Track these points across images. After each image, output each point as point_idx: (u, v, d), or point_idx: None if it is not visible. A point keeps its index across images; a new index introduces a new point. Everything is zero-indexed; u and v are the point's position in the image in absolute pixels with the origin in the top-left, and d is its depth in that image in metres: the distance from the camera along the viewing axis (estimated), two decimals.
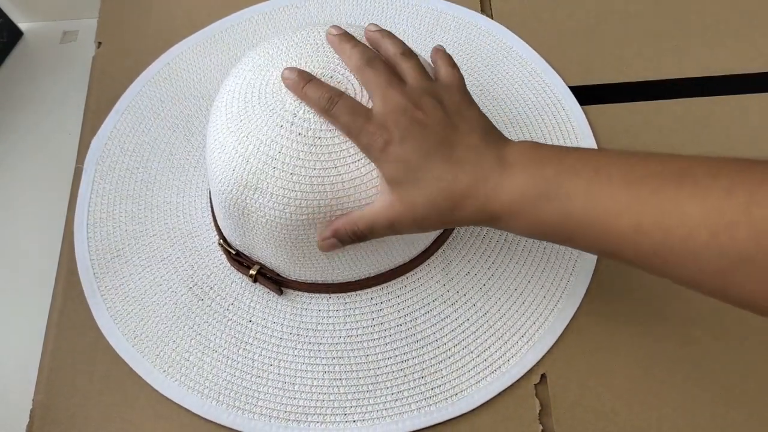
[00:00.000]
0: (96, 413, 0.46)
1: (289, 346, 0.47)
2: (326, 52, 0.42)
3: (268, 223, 0.41)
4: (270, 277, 0.47)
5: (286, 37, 0.44)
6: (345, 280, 0.47)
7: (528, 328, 0.47)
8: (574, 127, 0.55)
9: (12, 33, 0.71)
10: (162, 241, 0.51)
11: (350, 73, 0.41)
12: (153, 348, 0.47)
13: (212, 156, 0.42)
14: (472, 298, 0.48)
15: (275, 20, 0.62)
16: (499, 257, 0.50)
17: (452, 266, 0.49)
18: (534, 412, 0.45)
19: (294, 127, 0.40)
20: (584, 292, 0.48)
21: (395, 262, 0.47)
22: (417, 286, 0.49)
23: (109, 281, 0.50)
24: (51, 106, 0.67)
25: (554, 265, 0.49)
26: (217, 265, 0.50)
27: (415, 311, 0.48)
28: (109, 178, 0.54)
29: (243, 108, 0.41)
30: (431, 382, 0.46)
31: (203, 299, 0.49)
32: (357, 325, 0.47)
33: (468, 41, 0.60)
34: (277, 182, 0.39)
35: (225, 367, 0.46)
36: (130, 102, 0.58)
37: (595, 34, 0.60)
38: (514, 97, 0.57)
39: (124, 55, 0.61)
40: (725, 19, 0.60)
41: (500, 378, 0.46)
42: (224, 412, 0.45)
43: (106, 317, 0.49)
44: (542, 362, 0.46)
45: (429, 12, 0.62)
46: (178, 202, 0.53)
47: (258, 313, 0.48)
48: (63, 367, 0.48)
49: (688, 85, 0.57)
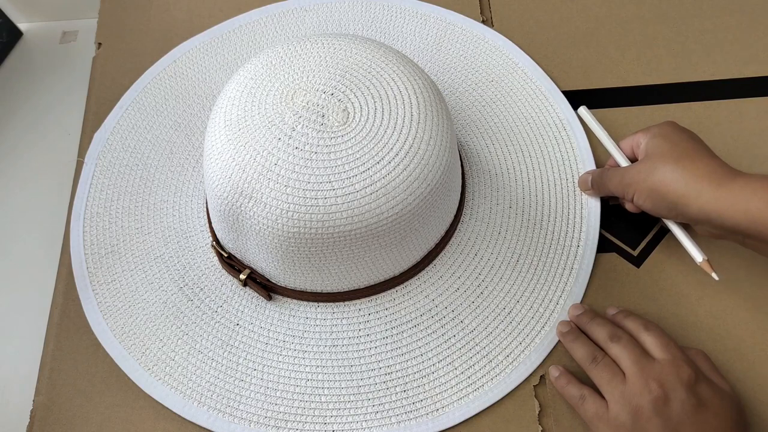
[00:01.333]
0: (96, 414, 0.46)
1: (275, 351, 0.47)
2: (328, 67, 0.43)
3: (261, 231, 0.42)
4: (260, 282, 0.48)
5: (289, 46, 0.44)
6: (334, 290, 0.47)
7: (514, 348, 0.48)
8: (574, 148, 0.55)
9: (12, 33, 0.71)
10: (156, 240, 0.52)
11: (350, 92, 0.42)
12: (139, 345, 0.48)
13: (209, 161, 0.42)
14: (460, 315, 0.49)
15: (284, 23, 0.62)
16: (489, 275, 0.50)
17: (442, 282, 0.49)
18: (533, 413, 0.45)
19: (292, 141, 0.40)
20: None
21: (385, 275, 0.48)
22: (405, 300, 0.49)
23: (101, 276, 0.50)
24: (50, 107, 0.67)
25: (544, 286, 0.50)
26: (209, 267, 0.50)
27: (402, 324, 0.48)
28: (108, 174, 0.55)
29: (242, 117, 0.41)
30: (413, 396, 0.46)
31: (193, 300, 0.49)
32: (343, 335, 0.48)
33: (474, 55, 0.60)
34: (272, 193, 0.40)
35: (209, 369, 0.47)
36: (135, 98, 0.58)
37: (593, 38, 0.61)
38: (517, 114, 0.57)
39: (124, 55, 0.61)
40: (723, 24, 0.60)
41: (483, 396, 0.46)
42: (204, 414, 0.45)
43: (96, 312, 0.49)
44: (542, 364, 0.47)
45: (437, 23, 0.62)
46: (174, 201, 0.53)
47: (246, 317, 0.48)
48: (64, 368, 0.48)
49: (686, 89, 0.58)
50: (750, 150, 0.54)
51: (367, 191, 0.40)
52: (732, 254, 0.50)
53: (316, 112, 0.41)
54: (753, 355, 0.47)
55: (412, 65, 0.45)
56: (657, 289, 0.49)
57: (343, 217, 0.40)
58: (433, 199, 0.43)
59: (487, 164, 0.54)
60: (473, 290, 0.49)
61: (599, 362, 0.43)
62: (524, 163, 0.54)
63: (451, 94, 0.58)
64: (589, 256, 0.50)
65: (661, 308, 0.49)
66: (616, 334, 0.43)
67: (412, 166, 0.41)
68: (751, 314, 0.48)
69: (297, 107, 0.41)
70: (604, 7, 0.62)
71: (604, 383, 0.42)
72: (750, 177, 0.42)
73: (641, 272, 0.50)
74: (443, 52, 0.60)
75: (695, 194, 0.43)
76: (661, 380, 0.40)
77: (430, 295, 0.49)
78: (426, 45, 0.60)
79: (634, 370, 0.41)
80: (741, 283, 0.49)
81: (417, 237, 0.45)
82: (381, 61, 0.44)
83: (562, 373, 0.46)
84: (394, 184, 0.40)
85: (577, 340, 0.45)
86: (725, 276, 0.49)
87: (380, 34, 0.61)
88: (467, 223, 0.51)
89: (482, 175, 0.53)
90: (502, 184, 0.53)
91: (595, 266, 0.50)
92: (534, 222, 0.52)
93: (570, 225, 0.52)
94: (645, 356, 0.42)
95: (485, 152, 0.55)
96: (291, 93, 0.42)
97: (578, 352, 0.45)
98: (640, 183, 0.46)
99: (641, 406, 0.40)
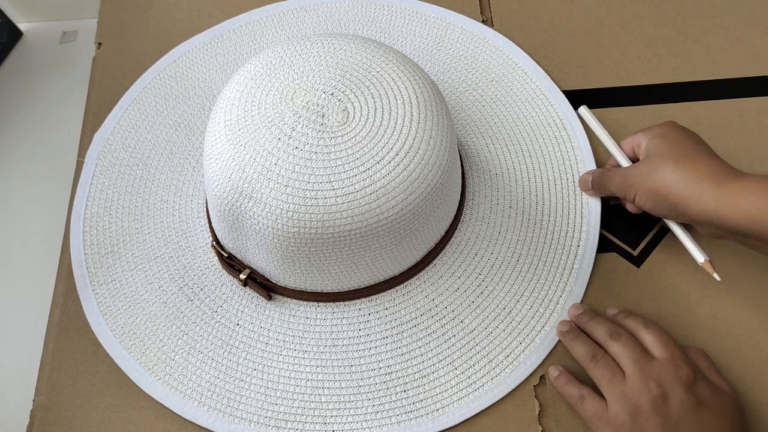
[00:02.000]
0: (96, 414, 0.46)
1: (275, 351, 0.47)
2: (328, 67, 0.43)
3: (261, 231, 0.42)
4: (260, 282, 0.48)
5: (289, 46, 0.44)
6: (334, 290, 0.47)
7: (514, 348, 0.48)
8: (574, 148, 0.55)
9: (12, 33, 0.71)
10: (156, 240, 0.52)
11: (350, 91, 0.42)
12: (139, 345, 0.48)
13: (209, 161, 0.42)
14: (460, 315, 0.49)
15: (284, 23, 0.62)
16: (489, 275, 0.50)
17: (442, 281, 0.49)
18: (533, 413, 0.45)
19: (292, 141, 0.40)
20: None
21: (385, 275, 0.48)
22: (406, 300, 0.49)
23: (101, 276, 0.50)
24: (50, 107, 0.67)
25: (544, 286, 0.50)
26: (209, 267, 0.50)
27: (402, 324, 0.48)
28: (108, 174, 0.55)
29: (242, 117, 0.41)
30: (413, 396, 0.46)
31: (193, 300, 0.49)
32: (343, 335, 0.48)
33: (474, 55, 0.60)
34: (271, 193, 0.40)
35: (209, 369, 0.47)
36: (135, 98, 0.58)
37: (593, 38, 0.61)
38: (517, 114, 0.57)
39: (124, 55, 0.61)
40: (723, 24, 0.60)
41: (483, 396, 0.46)
42: (204, 414, 0.45)
43: (96, 312, 0.49)
44: (542, 364, 0.47)
45: (437, 22, 0.62)
46: (174, 201, 0.53)
47: (246, 317, 0.48)
48: (64, 368, 0.48)
49: (686, 89, 0.58)
50: (750, 150, 0.54)
51: (367, 191, 0.40)
52: (732, 254, 0.50)
53: (316, 112, 0.41)
54: (753, 355, 0.47)
55: (412, 65, 0.45)
56: (657, 289, 0.49)
57: (343, 217, 0.40)
58: (433, 199, 0.43)
59: (487, 164, 0.54)
60: (473, 290, 0.49)
61: (599, 360, 0.43)
62: (524, 163, 0.54)
63: (451, 93, 0.58)
64: (590, 255, 0.50)
65: (661, 308, 0.49)
66: (616, 332, 0.43)
67: (412, 166, 0.41)
68: (751, 314, 0.48)
69: (297, 107, 0.41)
70: (604, 7, 0.62)
71: (604, 382, 0.42)
72: (751, 177, 0.42)
73: (641, 272, 0.50)
74: (443, 52, 0.60)
75: (696, 195, 0.43)
76: (660, 380, 0.40)
77: (430, 295, 0.49)
78: (426, 45, 0.60)
79: (633, 370, 0.41)
80: (741, 282, 0.49)
81: (417, 237, 0.45)
82: (381, 61, 0.44)
83: (561, 372, 0.46)
84: (394, 184, 0.40)
85: (576, 339, 0.45)
86: (725, 276, 0.49)
87: (380, 34, 0.61)
88: (467, 222, 0.51)
89: (482, 175, 0.53)
90: (502, 184, 0.53)
91: (596, 266, 0.50)
92: (534, 222, 0.52)
93: (570, 225, 0.52)
94: (645, 355, 0.42)
95: (485, 152, 0.55)
96: (291, 93, 0.42)
97: (578, 350, 0.45)
98: (641, 184, 0.46)
99: (640, 406, 0.40)
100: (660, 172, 0.45)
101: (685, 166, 0.44)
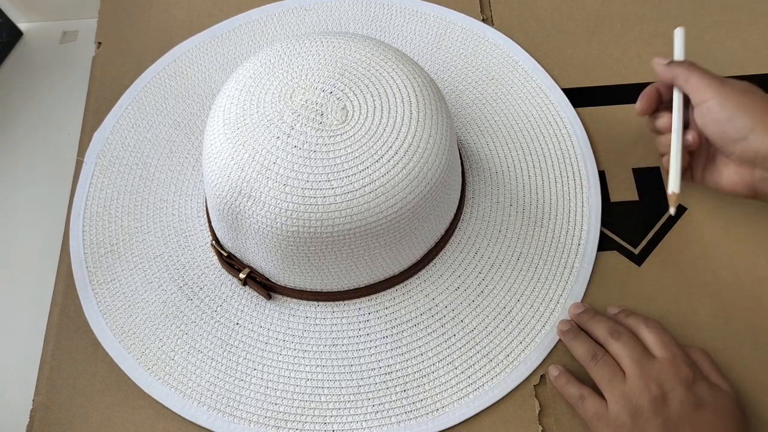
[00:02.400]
0: (96, 414, 0.46)
1: (274, 351, 0.47)
2: (327, 65, 0.43)
3: (260, 230, 0.42)
4: (260, 281, 0.48)
5: (288, 44, 0.44)
6: (334, 289, 0.47)
7: (514, 348, 0.47)
8: (575, 146, 0.55)
9: (12, 33, 0.71)
10: (156, 239, 0.52)
11: (349, 90, 0.42)
12: (139, 345, 0.48)
13: (208, 160, 0.42)
14: (460, 314, 0.48)
15: (284, 23, 0.62)
16: (489, 274, 0.50)
17: (442, 281, 0.49)
18: (533, 413, 0.45)
19: (290, 140, 0.40)
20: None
21: (385, 274, 0.48)
22: (406, 299, 0.49)
23: (101, 276, 0.50)
24: (50, 107, 0.67)
25: (544, 285, 0.49)
26: (209, 266, 0.50)
27: (402, 324, 0.48)
28: (108, 173, 0.55)
29: (241, 115, 0.41)
30: (413, 396, 0.46)
31: (192, 299, 0.49)
32: (343, 335, 0.48)
33: (474, 53, 0.60)
34: (270, 192, 0.40)
35: (209, 369, 0.47)
36: (135, 97, 0.58)
37: (594, 36, 0.60)
38: (517, 112, 0.57)
39: (124, 55, 0.61)
40: (724, 22, 0.60)
41: (483, 396, 0.46)
42: (204, 414, 0.45)
43: (95, 312, 0.49)
44: (543, 364, 0.47)
45: (437, 21, 0.61)
46: (174, 200, 0.53)
47: (246, 317, 0.48)
48: (64, 367, 0.48)
49: None
50: None
51: (366, 190, 0.40)
52: (732, 254, 0.50)
53: (315, 111, 0.41)
54: (753, 355, 0.47)
55: (411, 63, 0.45)
56: (658, 288, 0.49)
57: (342, 216, 0.40)
58: (433, 197, 0.43)
59: (487, 162, 0.54)
60: (473, 289, 0.49)
61: (599, 360, 0.43)
62: (524, 161, 0.54)
63: (451, 92, 0.58)
64: (590, 254, 0.50)
65: (662, 307, 0.49)
66: (617, 330, 0.43)
67: (411, 164, 0.41)
68: (751, 314, 0.48)
69: (296, 106, 0.41)
70: (604, 5, 0.62)
71: (605, 382, 0.42)
72: None
73: (642, 271, 0.50)
74: (443, 51, 0.60)
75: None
76: (660, 380, 0.40)
77: (430, 294, 0.49)
78: (426, 43, 0.60)
79: (634, 370, 0.41)
80: (741, 282, 0.49)
81: (417, 236, 0.45)
82: (380, 60, 0.43)
83: (561, 372, 0.45)
84: (393, 183, 0.40)
85: (577, 338, 0.45)
86: (727, 275, 0.49)
87: (380, 33, 0.61)
88: (467, 221, 0.51)
89: (482, 174, 0.53)
90: (503, 183, 0.53)
91: (596, 265, 0.50)
92: (534, 220, 0.52)
93: (571, 223, 0.52)
94: (645, 354, 0.42)
95: (485, 150, 0.55)
96: (290, 91, 0.42)
97: (578, 349, 0.45)
98: (721, 89, 0.45)
99: (641, 406, 0.40)
100: (746, 94, 0.45)
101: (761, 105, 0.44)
